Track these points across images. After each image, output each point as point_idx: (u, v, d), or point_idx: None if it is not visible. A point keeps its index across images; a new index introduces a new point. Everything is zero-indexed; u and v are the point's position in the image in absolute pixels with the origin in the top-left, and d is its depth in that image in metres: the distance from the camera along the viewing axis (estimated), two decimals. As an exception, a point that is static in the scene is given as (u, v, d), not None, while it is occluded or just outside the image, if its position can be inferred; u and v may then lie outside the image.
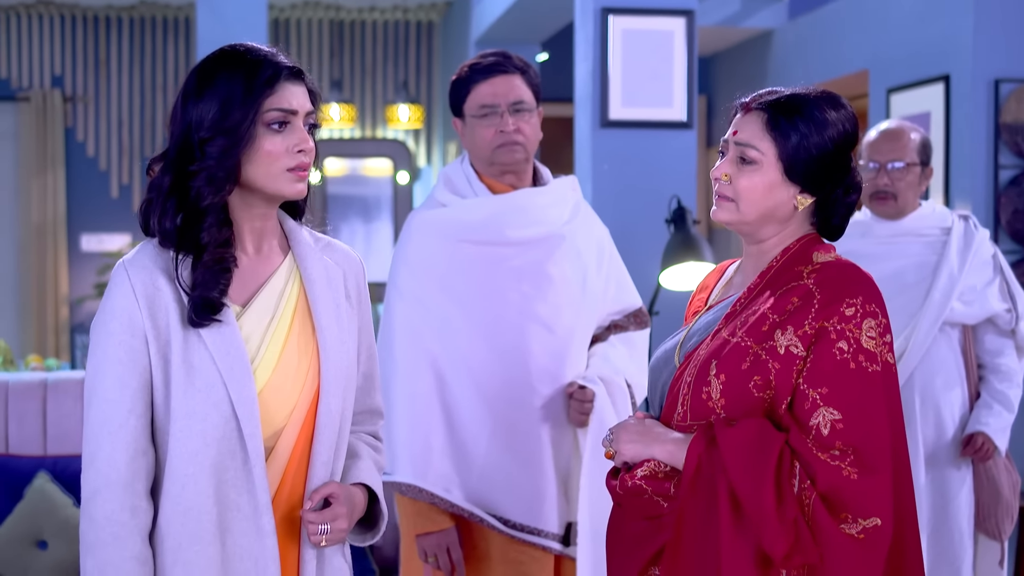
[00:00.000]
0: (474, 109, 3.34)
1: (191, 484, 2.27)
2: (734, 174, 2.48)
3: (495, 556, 3.34)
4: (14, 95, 9.62)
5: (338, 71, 9.95)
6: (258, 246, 2.40)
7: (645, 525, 2.49)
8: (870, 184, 4.15)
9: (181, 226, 2.30)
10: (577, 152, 5.49)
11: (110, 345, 2.28)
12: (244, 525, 2.28)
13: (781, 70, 8.29)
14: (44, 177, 9.49)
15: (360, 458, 2.48)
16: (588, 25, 5.29)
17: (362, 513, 2.42)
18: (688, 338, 2.55)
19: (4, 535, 4.39)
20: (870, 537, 2.30)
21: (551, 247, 3.38)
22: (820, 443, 2.32)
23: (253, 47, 2.34)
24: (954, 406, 4.10)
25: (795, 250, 2.50)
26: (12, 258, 9.62)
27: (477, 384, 3.31)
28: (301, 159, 2.32)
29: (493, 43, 8.21)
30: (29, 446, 4.59)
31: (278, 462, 2.34)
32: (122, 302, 2.28)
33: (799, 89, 2.50)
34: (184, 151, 2.30)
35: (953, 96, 5.99)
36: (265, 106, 2.29)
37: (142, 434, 2.27)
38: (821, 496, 2.30)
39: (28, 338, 9.43)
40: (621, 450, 2.47)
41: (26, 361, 5.50)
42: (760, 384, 2.37)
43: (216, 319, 2.28)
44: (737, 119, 2.52)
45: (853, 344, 2.35)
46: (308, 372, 2.36)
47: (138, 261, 2.31)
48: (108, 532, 2.25)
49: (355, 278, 2.51)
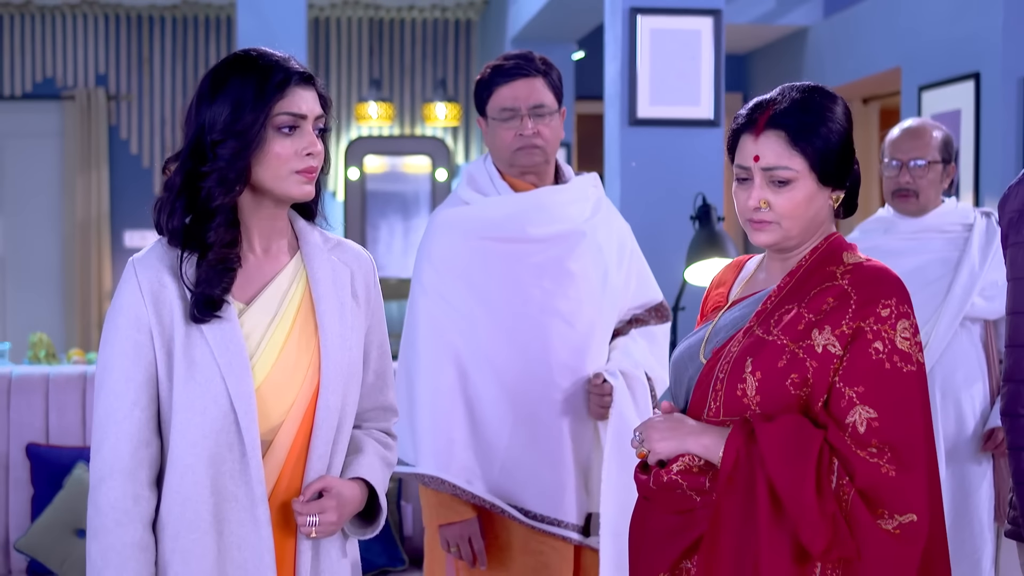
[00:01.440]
0: (495, 112, 3.39)
1: (189, 474, 2.34)
2: (771, 198, 2.48)
3: (516, 546, 3.39)
4: (59, 94, 9.74)
5: (377, 70, 10.01)
6: (266, 246, 2.46)
7: (676, 519, 2.51)
8: (892, 182, 4.18)
9: (188, 225, 2.37)
10: (607, 149, 5.53)
11: (117, 340, 2.36)
12: (241, 515, 2.34)
13: (815, 68, 8.30)
14: (88, 174, 9.61)
15: (363, 453, 2.52)
16: (617, 25, 5.33)
17: (360, 507, 2.46)
18: (715, 334, 2.57)
19: (44, 523, 4.48)
20: (906, 533, 2.34)
21: (572, 244, 3.43)
22: (857, 440, 2.37)
23: (265, 52, 2.40)
24: (975, 400, 4.11)
25: (823, 249, 2.53)
26: (57, 254, 9.74)
27: (499, 378, 3.36)
28: (309, 162, 2.38)
29: (530, 41, 8.26)
30: (69, 437, 4.69)
31: (276, 456, 2.40)
32: (129, 299, 2.36)
33: (788, 92, 2.52)
34: (196, 152, 2.36)
35: (983, 94, 6.00)
36: (275, 110, 2.35)
37: (146, 425, 2.35)
38: (859, 492, 2.35)
39: (72, 332, 9.55)
40: (655, 448, 2.48)
41: (68, 355, 5.60)
42: (797, 382, 2.41)
43: (217, 315, 2.34)
44: (750, 145, 2.50)
45: (888, 344, 2.39)
46: (308, 369, 2.42)
47: (146, 259, 2.39)
48: (111, 519, 2.32)
49: (364, 277, 2.55)
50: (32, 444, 4.63)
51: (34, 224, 9.72)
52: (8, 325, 9.62)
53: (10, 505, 4.62)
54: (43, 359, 5.44)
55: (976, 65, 6.07)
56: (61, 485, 4.53)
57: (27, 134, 9.74)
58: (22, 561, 4.58)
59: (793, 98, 2.49)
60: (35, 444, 4.63)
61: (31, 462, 4.60)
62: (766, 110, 2.49)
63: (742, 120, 2.53)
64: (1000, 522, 4.12)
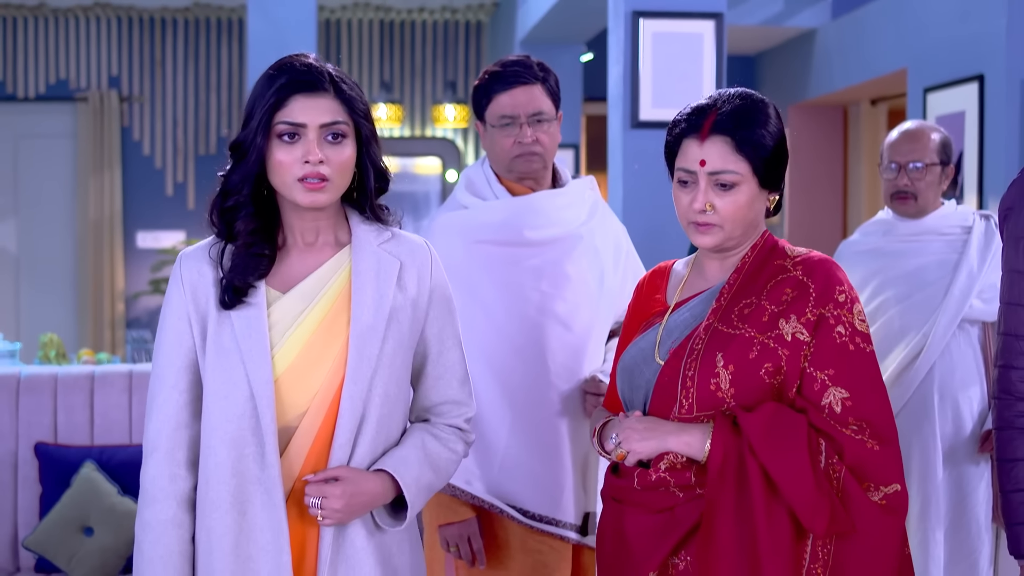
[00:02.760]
0: (494, 119, 3.41)
1: (212, 456, 2.45)
2: (716, 201, 2.55)
3: (515, 545, 3.42)
4: (72, 96, 9.79)
5: (387, 72, 10.05)
6: (311, 240, 2.53)
7: (658, 518, 2.56)
8: (890, 184, 4.20)
9: (223, 217, 2.49)
10: (609, 152, 5.56)
11: (164, 328, 2.52)
12: (264, 498, 2.42)
13: (823, 69, 8.32)
14: (101, 175, 9.66)
15: (400, 447, 2.53)
16: (620, 28, 5.36)
17: (383, 499, 2.47)
18: (667, 335, 2.62)
19: (52, 521, 4.53)
20: (891, 502, 2.46)
21: (569, 247, 3.46)
22: (836, 420, 2.47)
23: (293, 59, 2.47)
24: (973, 402, 4.12)
25: (762, 246, 2.63)
26: (70, 255, 9.79)
27: (498, 381, 3.39)
28: (309, 170, 2.41)
29: (538, 43, 8.28)
30: (77, 436, 4.73)
31: (301, 443, 2.45)
32: (173, 289, 2.52)
33: (724, 97, 2.59)
34: (236, 147, 2.47)
35: (987, 96, 6.01)
36: (275, 118, 2.42)
37: (184, 408, 2.49)
38: (849, 468, 2.44)
39: (84, 332, 9.60)
40: (635, 448, 2.52)
41: (78, 355, 5.64)
42: (771, 371, 2.49)
43: (245, 302, 2.45)
44: (695, 149, 2.57)
45: (849, 328, 2.51)
46: (335, 359, 2.46)
47: (193, 251, 2.54)
48: (150, 495, 2.48)
49: (417, 269, 2.57)
50: (41, 443, 4.67)
51: (47, 224, 9.78)
52: (21, 324, 9.68)
53: (19, 503, 4.66)
54: (53, 359, 5.48)
55: (980, 67, 6.08)
56: (69, 484, 4.57)
57: (40, 135, 9.80)
58: (30, 559, 4.62)
59: (735, 104, 2.57)
60: (43, 443, 4.67)
61: (39, 461, 4.65)
62: (709, 115, 2.56)
63: (684, 125, 2.60)
64: (999, 522, 4.14)
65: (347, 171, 2.48)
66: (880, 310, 4.19)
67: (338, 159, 2.44)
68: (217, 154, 9.88)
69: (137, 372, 4.84)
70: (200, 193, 9.86)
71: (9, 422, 4.69)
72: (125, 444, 4.72)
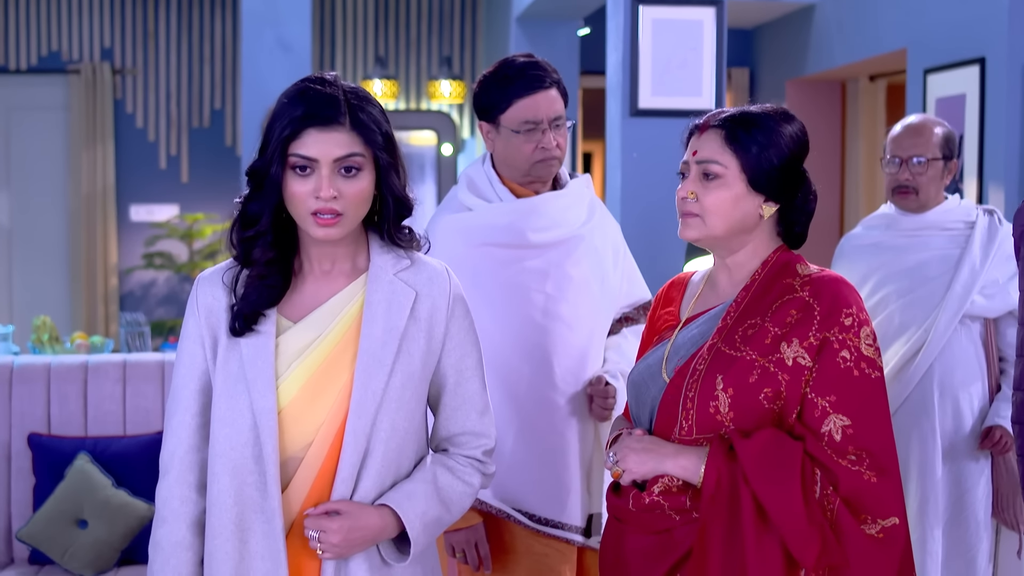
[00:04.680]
0: (515, 124, 3.35)
1: (216, 482, 2.45)
2: (700, 191, 2.54)
3: (519, 549, 3.41)
4: (64, 68, 9.71)
5: (382, 47, 9.98)
6: (327, 268, 2.51)
7: (655, 539, 2.54)
8: (892, 178, 4.17)
9: (243, 243, 2.47)
10: (608, 140, 5.52)
11: (181, 350, 2.54)
12: (264, 528, 2.41)
13: (822, 44, 8.27)
14: (94, 148, 9.60)
15: (408, 480, 2.49)
16: (619, 14, 5.31)
17: (387, 535, 2.44)
18: (674, 353, 2.60)
19: (46, 514, 4.51)
20: (888, 536, 2.41)
21: (571, 248, 3.44)
22: (835, 449, 2.42)
23: (311, 85, 2.42)
24: (973, 399, 4.11)
25: (774, 262, 2.58)
26: (63, 228, 9.74)
27: (503, 384, 3.36)
28: (321, 205, 2.38)
29: (535, 19, 8.22)
30: (71, 427, 4.71)
31: (305, 474, 2.44)
32: (189, 312, 2.53)
33: (751, 107, 2.58)
34: (252, 175, 2.44)
35: (988, 79, 5.97)
36: (290, 150, 2.39)
37: (197, 431, 2.51)
38: (844, 500, 2.40)
39: (78, 306, 9.57)
40: (631, 469, 2.51)
41: (72, 338, 5.60)
42: (770, 395, 2.45)
43: (255, 330, 2.44)
44: (694, 140, 2.59)
45: (855, 352, 2.45)
46: (341, 392, 2.43)
47: (210, 274, 2.54)
48: (161, 516, 2.51)
49: (432, 300, 2.53)
50: (34, 434, 4.65)
51: (40, 198, 9.72)
52: (15, 297, 9.64)
53: (12, 495, 4.64)
54: (46, 342, 5.45)
55: (982, 50, 6.04)
56: (63, 475, 4.55)
57: (33, 108, 9.73)
58: (24, 551, 4.61)
59: (747, 110, 2.57)
60: (37, 434, 4.65)
61: (33, 452, 4.62)
62: (718, 114, 2.59)
63: (696, 121, 2.63)
64: (999, 518, 4.13)
65: (363, 203, 2.43)
66: (881, 305, 4.17)
67: (352, 192, 2.40)
68: (211, 127, 9.82)
69: (131, 362, 4.81)
70: (193, 166, 9.81)
71: (2, 412, 4.66)
72: (119, 435, 4.69)
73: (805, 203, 2.59)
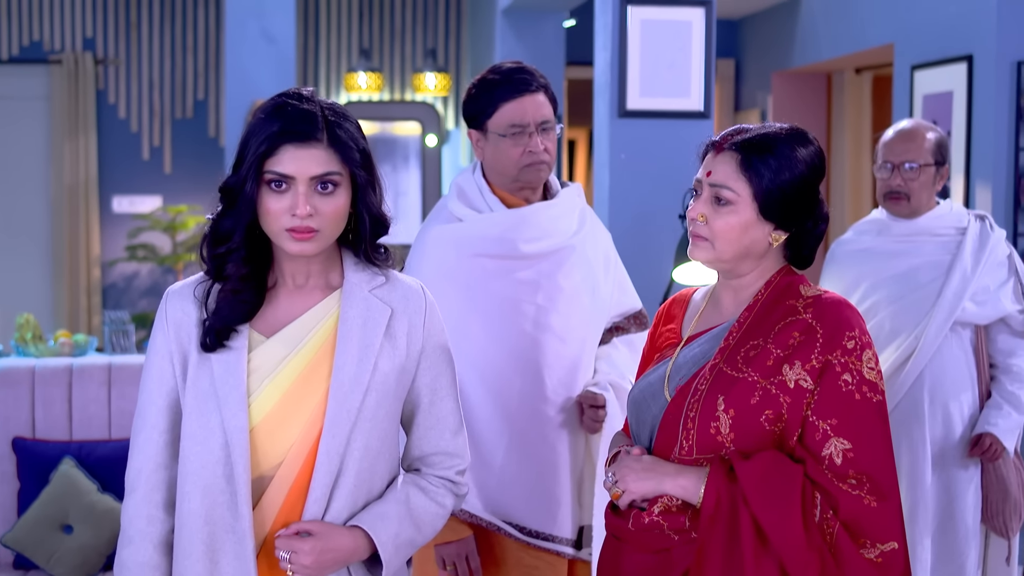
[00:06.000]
0: (502, 127, 3.34)
1: (186, 502, 2.40)
2: (710, 215, 2.52)
3: (510, 561, 3.40)
4: (46, 58, 9.64)
5: (367, 39, 9.92)
6: (301, 283, 2.47)
7: (653, 558, 2.53)
8: (884, 184, 4.17)
9: (216, 257, 2.43)
10: (596, 141, 5.49)
11: (148, 366, 2.48)
12: (236, 548, 2.37)
13: (808, 37, 8.25)
14: (76, 139, 9.54)
15: (380, 501, 2.46)
16: (607, 15, 5.28)
17: (358, 556, 2.41)
18: (676, 371, 2.58)
19: (30, 519, 4.48)
20: (887, 561, 2.40)
21: (562, 259, 3.42)
22: (835, 472, 2.41)
23: (288, 100, 2.38)
24: (964, 406, 4.11)
25: (777, 283, 2.57)
26: (45, 220, 9.68)
27: (494, 396, 3.35)
28: (297, 223, 2.34)
29: (520, 11, 8.18)
30: (55, 431, 4.68)
31: (276, 493, 2.40)
32: (158, 326, 2.48)
33: (769, 127, 2.54)
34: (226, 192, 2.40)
35: (976, 76, 5.96)
36: (265, 166, 2.35)
37: (164, 449, 2.45)
38: (843, 524, 2.39)
39: (60, 299, 9.51)
40: (631, 488, 2.49)
41: (55, 336, 5.56)
42: (771, 418, 2.44)
43: (227, 346, 2.39)
44: (709, 159, 2.56)
45: (856, 376, 2.44)
46: (314, 410, 2.40)
47: (179, 288, 2.49)
48: (127, 535, 2.46)
49: (407, 318, 2.49)
50: (18, 438, 4.62)
51: (21, 189, 9.66)
52: (-3, 290, 9.60)
53: (-3, 499, 4.62)
54: (29, 341, 5.41)
55: (969, 47, 6.02)
56: (48, 480, 4.52)
57: (14, 98, 9.66)
58: (8, 556, 4.59)
59: (766, 132, 2.53)
60: (21, 438, 4.62)
61: (17, 456, 4.60)
62: (735, 134, 2.54)
63: (715, 138, 2.58)
64: (988, 525, 4.14)
65: (338, 220, 2.40)
66: (872, 311, 4.16)
67: (328, 210, 2.37)
68: (194, 118, 9.76)
69: (116, 365, 4.78)
70: (176, 157, 9.75)
71: (-14, 416, 4.63)
72: (104, 439, 4.67)
73: (815, 227, 2.57)
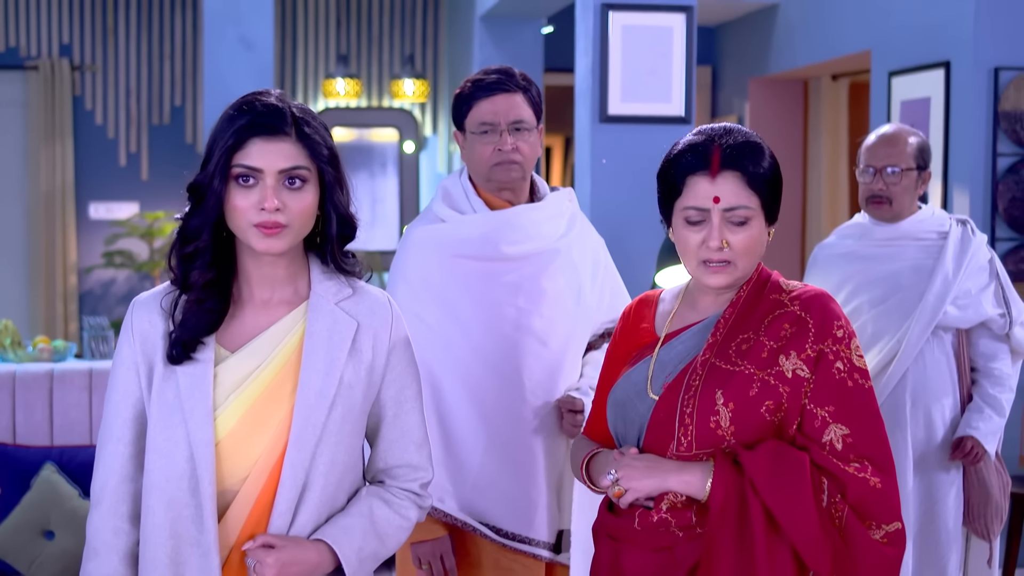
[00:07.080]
0: (474, 126, 3.36)
1: (150, 515, 2.38)
2: (730, 238, 2.51)
3: (487, 563, 3.40)
4: (22, 64, 9.61)
5: (344, 45, 9.92)
6: (267, 296, 2.45)
7: (657, 557, 2.53)
8: (866, 188, 4.19)
9: (180, 266, 2.41)
10: (577, 146, 5.52)
11: (113, 377, 2.45)
12: (200, 562, 2.35)
13: (784, 44, 8.28)
14: (52, 145, 9.50)
15: (343, 515, 2.45)
16: (588, 20, 5.30)
17: (323, 569, 2.40)
18: (660, 369, 2.58)
19: (11, 525, 4.46)
20: (892, 540, 2.45)
21: (546, 262, 3.42)
22: (837, 457, 2.45)
23: (255, 97, 2.38)
24: (945, 409, 4.13)
25: (757, 279, 2.60)
26: (21, 226, 9.65)
27: (472, 397, 3.35)
28: (265, 217, 2.33)
29: (499, 17, 8.20)
30: (36, 437, 4.66)
31: (240, 508, 2.39)
32: (124, 338, 2.45)
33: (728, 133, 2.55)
34: (194, 190, 2.39)
35: (953, 83, 6.00)
36: (233, 160, 2.34)
37: (130, 461, 2.43)
38: (852, 507, 2.43)
39: (36, 305, 9.47)
40: (634, 487, 2.49)
41: (34, 343, 5.54)
42: (772, 408, 2.47)
43: (192, 359, 2.37)
44: (706, 185, 2.52)
45: (847, 363, 2.49)
46: (279, 425, 2.38)
47: (146, 299, 2.46)
48: (92, 548, 2.42)
49: (373, 331, 2.47)
50: (-1, 443, 4.61)
51: (-2, 195, 9.64)
52: (-28, 294, 9.56)
53: (-23, 506, 4.59)
54: (8, 347, 5.39)
55: (947, 54, 6.06)
56: (29, 486, 4.51)
57: (-10, 104, 9.64)
58: (-10, 562, 4.57)
59: (736, 139, 2.54)
60: (2, 444, 4.60)
61: (-2, 462, 4.58)
62: (713, 150, 2.52)
63: (688, 161, 2.54)
64: (970, 527, 4.16)
65: (307, 218, 2.39)
66: (855, 314, 4.19)
67: (297, 206, 2.36)
68: (171, 124, 9.74)
69: (97, 370, 4.77)
70: (153, 163, 9.72)
71: (-34, 422, 4.61)
72: (86, 445, 4.65)
73: None
